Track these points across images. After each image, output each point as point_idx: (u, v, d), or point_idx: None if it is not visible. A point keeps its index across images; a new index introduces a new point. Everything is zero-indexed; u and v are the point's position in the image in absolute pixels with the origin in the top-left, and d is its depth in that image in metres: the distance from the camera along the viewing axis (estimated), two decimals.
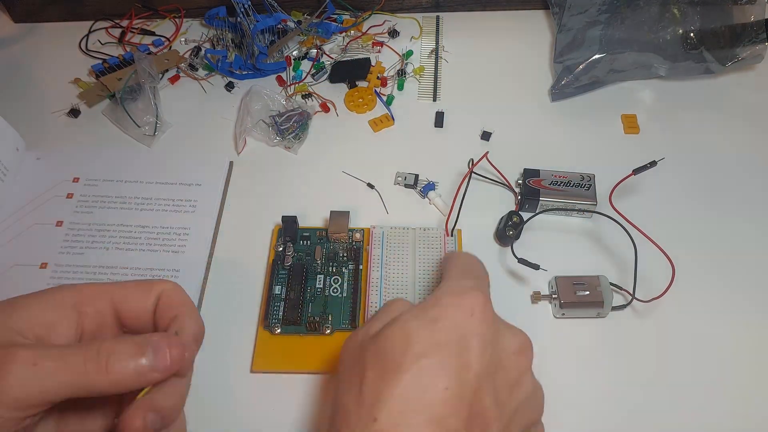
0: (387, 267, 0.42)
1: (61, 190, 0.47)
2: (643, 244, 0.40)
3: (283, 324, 0.40)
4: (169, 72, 0.55)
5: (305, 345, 0.40)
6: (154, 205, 0.46)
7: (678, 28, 0.51)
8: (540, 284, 0.42)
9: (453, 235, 0.43)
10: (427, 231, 0.43)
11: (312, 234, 0.44)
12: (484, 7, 0.58)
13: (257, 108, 0.50)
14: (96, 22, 0.58)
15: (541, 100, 0.52)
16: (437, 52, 0.55)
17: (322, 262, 0.43)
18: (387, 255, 0.42)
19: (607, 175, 0.44)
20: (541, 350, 0.40)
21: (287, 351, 0.39)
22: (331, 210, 0.44)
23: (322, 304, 0.41)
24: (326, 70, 0.54)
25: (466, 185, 0.43)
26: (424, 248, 0.42)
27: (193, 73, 0.55)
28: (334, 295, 0.41)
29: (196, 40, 0.57)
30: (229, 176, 0.48)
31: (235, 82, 0.54)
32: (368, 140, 0.50)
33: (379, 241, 0.43)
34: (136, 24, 0.57)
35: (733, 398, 0.38)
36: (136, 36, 0.57)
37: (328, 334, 0.40)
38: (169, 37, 0.57)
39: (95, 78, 0.53)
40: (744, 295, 0.42)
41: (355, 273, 0.42)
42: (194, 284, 0.42)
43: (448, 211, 0.45)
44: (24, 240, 0.44)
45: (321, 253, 0.43)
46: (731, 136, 0.50)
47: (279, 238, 0.43)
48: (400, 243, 0.43)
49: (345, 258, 0.43)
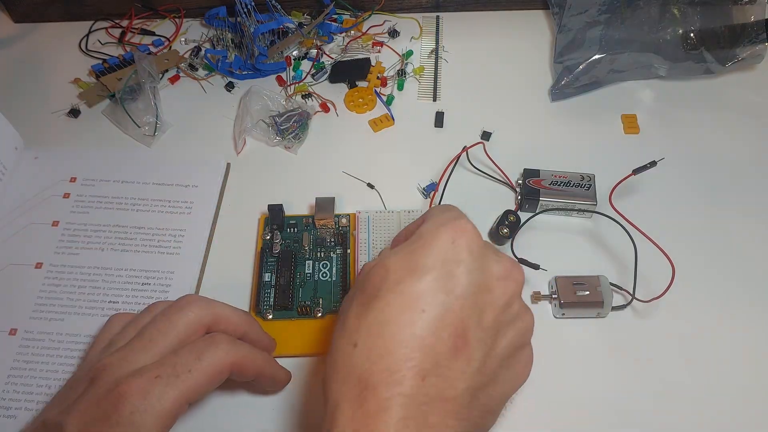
0: (374, 250, 0.42)
1: (58, 189, 0.47)
2: (643, 244, 0.39)
3: (275, 309, 0.40)
4: (169, 72, 0.55)
5: (297, 329, 0.40)
6: (150, 206, 0.46)
7: (678, 28, 0.51)
8: (540, 284, 0.42)
9: None
10: (411, 213, 0.44)
11: (299, 221, 0.44)
12: (484, 7, 0.58)
13: (257, 108, 0.50)
14: (96, 22, 0.58)
15: (541, 100, 0.52)
16: (437, 52, 0.55)
17: (310, 248, 0.43)
18: (374, 238, 0.43)
19: (607, 175, 0.44)
20: (541, 350, 0.40)
21: (280, 336, 0.39)
22: (316, 196, 0.44)
23: (312, 288, 0.41)
24: (326, 70, 0.54)
25: (452, 167, 0.45)
26: None
27: (193, 73, 0.54)
28: (323, 279, 0.42)
29: (196, 40, 0.57)
30: (226, 178, 0.48)
31: (235, 82, 0.54)
32: (368, 140, 0.50)
33: (365, 226, 0.43)
34: (136, 24, 0.57)
35: (734, 398, 0.38)
36: (136, 36, 0.57)
37: (319, 317, 0.40)
38: (169, 37, 0.57)
39: (95, 78, 0.53)
40: (744, 295, 0.42)
41: (343, 257, 0.43)
42: (188, 286, 0.42)
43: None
44: (20, 239, 0.44)
45: (308, 239, 0.43)
46: (731, 136, 0.50)
47: (266, 227, 0.44)
48: (386, 226, 0.43)
49: (333, 243, 0.43)
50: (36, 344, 0.40)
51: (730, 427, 0.37)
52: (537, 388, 0.38)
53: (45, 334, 0.40)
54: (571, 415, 0.37)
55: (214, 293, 0.42)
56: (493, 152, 0.47)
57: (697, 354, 0.39)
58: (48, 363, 0.39)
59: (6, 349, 0.40)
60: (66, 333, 0.40)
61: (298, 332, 0.40)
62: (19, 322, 0.41)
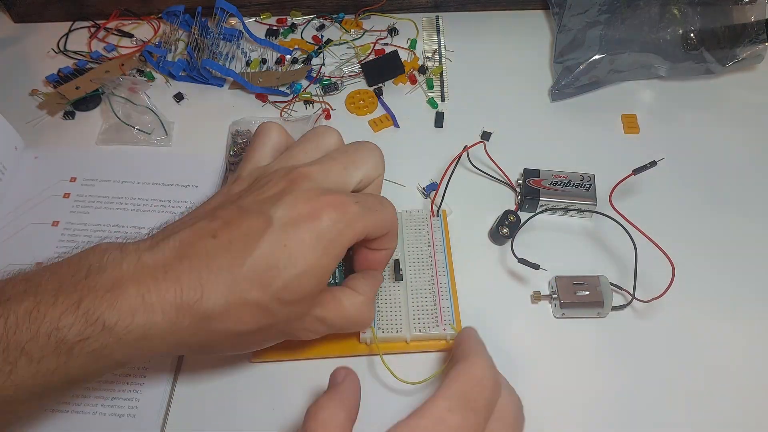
0: None
1: (58, 189, 0.47)
2: (643, 244, 0.39)
3: None
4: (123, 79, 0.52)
5: None
6: (150, 206, 0.46)
7: (678, 28, 0.51)
8: (540, 284, 0.42)
9: (439, 216, 0.44)
10: (413, 213, 0.44)
11: None
12: (484, 7, 0.58)
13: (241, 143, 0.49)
14: (75, 22, 0.58)
15: (541, 100, 0.52)
16: (440, 52, 0.55)
17: None
18: None
19: (607, 175, 0.44)
20: (541, 350, 0.40)
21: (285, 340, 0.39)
22: None
23: None
24: (337, 83, 0.53)
25: (453, 168, 0.44)
26: (410, 230, 0.43)
27: (139, 79, 0.53)
28: (329, 282, 0.41)
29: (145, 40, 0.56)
30: (226, 178, 0.48)
31: (184, 94, 0.53)
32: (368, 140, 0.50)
33: None
34: (110, 25, 0.57)
35: (734, 398, 0.38)
36: (112, 37, 0.57)
37: None
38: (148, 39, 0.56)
39: (52, 88, 0.53)
40: (744, 295, 0.42)
41: (346, 259, 0.42)
42: None
43: (450, 210, 0.45)
44: (20, 239, 0.44)
45: None
46: (731, 136, 0.50)
47: None
48: None
49: None
50: None
51: (730, 426, 0.37)
52: (537, 388, 0.38)
53: None
54: (571, 415, 0.37)
55: None
56: (493, 152, 0.47)
57: (697, 354, 0.39)
58: None
59: None
60: None
61: None
62: None
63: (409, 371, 0.37)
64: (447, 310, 0.39)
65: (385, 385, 0.38)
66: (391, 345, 0.39)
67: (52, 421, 0.37)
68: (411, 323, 0.39)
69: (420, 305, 0.39)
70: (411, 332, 0.38)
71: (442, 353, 0.39)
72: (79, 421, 0.37)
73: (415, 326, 0.39)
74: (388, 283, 0.40)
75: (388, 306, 0.39)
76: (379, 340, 0.38)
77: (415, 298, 0.40)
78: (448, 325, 0.39)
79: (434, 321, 0.39)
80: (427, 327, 0.39)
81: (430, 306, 0.39)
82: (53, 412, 0.37)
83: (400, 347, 0.39)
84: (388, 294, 0.40)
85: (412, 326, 0.39)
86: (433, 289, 0.40)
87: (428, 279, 0.41)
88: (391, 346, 0.39)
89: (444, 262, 0.41)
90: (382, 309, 0.39)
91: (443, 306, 0.39)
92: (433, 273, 0.41)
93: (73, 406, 0.38)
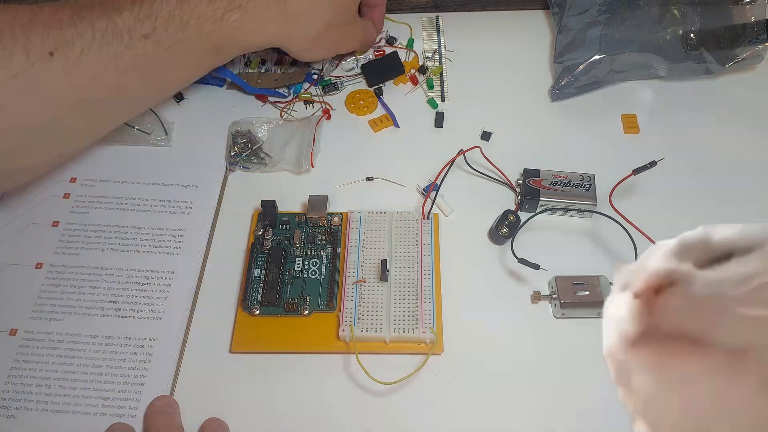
0: (364, 250, 0.42)
1: (58, 189, 0.47)
2: (643, 244, 0.39)
3: (262, 305, 0.40)
4: None
5: (284, 326, 0.40)
6: (150, 206, 0.46)
7: (678, 28, 0.51)
8: (540, 284, 0.42)
9: (429, 219, 0.44)
10: (404, 215, 0.44)
11: (291, 218, 0.44)
12: (484, 7, 0.58)
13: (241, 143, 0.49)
14: None
15: (541, 100, 0.52)
16: (440, 52, 0.55)
17: (301, 246, 0.43)
18: (364, 238, 0.43)
19: (607, 175, 0.44)
20: (541, 350, 0.40)
21: (266, 332, 0.40)
22: (309, 194, 0.44)
23: (300, 286, 0.41)
24: (337, 83, 0.53)
25: (446, 171, 0.45)
26: (400, 231, 0.43)
27: None
28: (312, 277, 0.42)
29: None
30: (227, 178, 0.48)
31: (183, 92, 0.52)
32: (368, 140, 0.50)
33: (356, 225, 0.43)
34: None
35: None
36: None
37: (306, 315, 0.40)
38: None
39: None
40: None
41: (333, 256, 0.43)
42: (188, 286, 0.42)
43: (450, 210, 0.45)
44: (20, 239, 0.44)
45: (300, 236, 0.43)
46: (731, 137, 0.50)
47: (258, 222, 0.44)
48: (378, 227, 0.43)
49: (324, 242, 0.43)
50: (36, 344, 0.40)
51: None
52: (537, 388, 0.38)
53: (45, 334, 0.40)
54: (571, 415, 0.37)
55: (215, 292, 0.42)
56: (493, 152, 0.47)
57: None
58: (48, 363, 0.39)
59: (6, 349, 0.40)
60: (66, 333, 0.40)
61: (284, 329, 0.40)
62: (19, 322, 0.41)
63: (385, 372, 0.37)
64: (428, 313, 0.39)
65: (358, 384, 0.39)
66: (370, 344, 0.39)
67: (53, 421, 0.37)
68: (392, 324, 0.39)
69: (402, 307, 0.40)
70: (390, 333, 0.39)
71: (420, 356, 0.39)
72: (80, 422, 0.37)
73: (395, 327, 0.39)
74: (373, 283, 0.41)
75: (370, 305, 0.40)
76: (358, 339, 0.38)
77: (397, 300, 0.40)
78: (428, 329, 0.39)
79: (415, 323, 0.39)
80: (407, 329, 0.39)
81: (412, 308, 0.40)
82: (54, 412, 0.38)
83: (379, 347, 0.39)
84: (372, 294, 0.40)
85: (392, 327, 0.39)
86: (416, 291, 0.40)
87: (413, 281, 0.41)
88: (370, 346, 0.39)
89: (431, 265, 0.41)
90: (364, 308, 0.40)
91: (425, 309, 0.39)
92: (418, 275, 0.41)
93: (74, 407, 0.38)
